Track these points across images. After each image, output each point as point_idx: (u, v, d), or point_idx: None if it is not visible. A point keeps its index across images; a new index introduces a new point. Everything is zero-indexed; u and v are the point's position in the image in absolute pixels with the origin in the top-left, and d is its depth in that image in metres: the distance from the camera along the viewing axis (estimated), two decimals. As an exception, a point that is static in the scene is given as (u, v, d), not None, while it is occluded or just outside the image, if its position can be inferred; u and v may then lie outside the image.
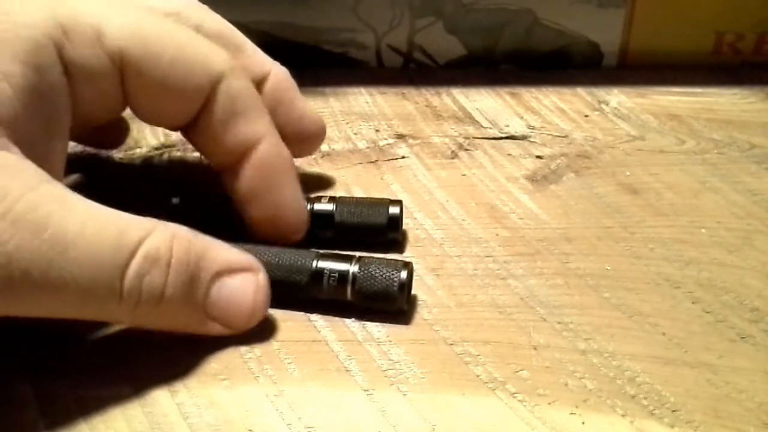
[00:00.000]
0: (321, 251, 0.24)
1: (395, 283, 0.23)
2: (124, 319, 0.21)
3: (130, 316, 0.20)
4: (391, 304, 0.23)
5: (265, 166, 0.24)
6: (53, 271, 0.18)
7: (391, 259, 0.24)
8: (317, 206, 0.27)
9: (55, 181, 0.20)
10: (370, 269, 0.23)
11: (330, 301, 0.24)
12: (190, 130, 0.25)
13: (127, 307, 0.20)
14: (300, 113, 0.28)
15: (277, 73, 0.28)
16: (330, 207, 0.27)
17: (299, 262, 0.24)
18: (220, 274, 0.21)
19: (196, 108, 0.24)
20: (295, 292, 0.24)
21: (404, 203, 0.28)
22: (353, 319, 0.24)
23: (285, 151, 0.25)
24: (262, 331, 0.23)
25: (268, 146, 0.24)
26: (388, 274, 0.23)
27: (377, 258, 0.24)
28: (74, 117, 0.22)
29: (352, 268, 0.23)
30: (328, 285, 0.23)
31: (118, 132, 0.32)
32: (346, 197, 0.28)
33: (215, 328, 0.22)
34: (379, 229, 0.26)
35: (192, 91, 0.23)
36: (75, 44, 0.21)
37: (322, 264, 0.24)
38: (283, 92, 0.28)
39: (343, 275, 0.23)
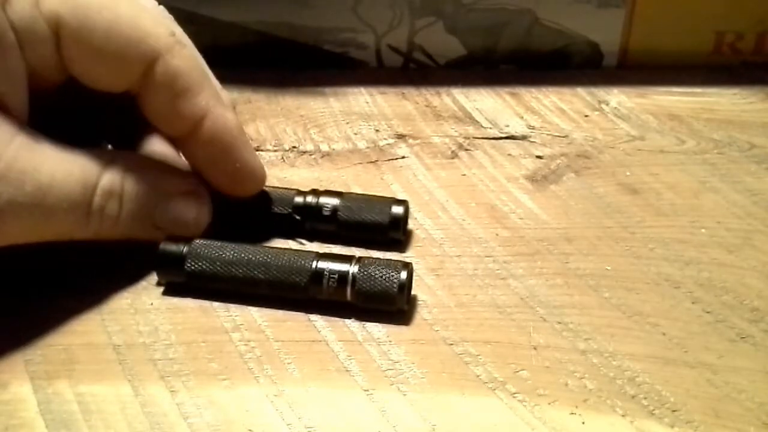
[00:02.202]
0: (321, 252, 0.24)
1: (395, 284, 0.23)
2: (88, 236, 0.24)
3: (93, 235, 0.24)
4: (391, 305, 0.23)
5: (213, 140, 0.25)
6: (36, 214, 0.22)
7: (391, 260, 0.24)
8: (322, 199, 0.27)
9: (24, 128, 0.22)
10: (369, 270, 0.23)
11: (330, 302, 0.24)
12: (137, 99, 0.25)
13: (92, 229, 0.24)
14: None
15: (227, 118, 0.26)
16: (334, 201, 0.27)
17: (299, 263, 0.24)
18: (165, 198, 0.25)
19: (133, 80, 0.24)
20: (295, 292, 0.24)
21: (404, 203, 0.28)
22: (353, 319, 0.24)
23: (230, 119, 0.25)
24: (263, 331, 0.23)
25: (213, 120, 0.25)
26: (387, 274, 0.23)
27: (377, 259, 0.24)
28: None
29: (352, 269, 0.23)
30: (327, 286, 0.23)
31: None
32: (353, 193, 0.28)
33: (162, 236, 0.25)
34: (381, 227, 0.26)
35: (126, 66, 0.23)
36: (14, 5, 0.22)
37: (322, 265, 0.24)
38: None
39: (342, 276, 0.23)
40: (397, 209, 0.27)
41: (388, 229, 0.26)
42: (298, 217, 0.27)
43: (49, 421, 0.20)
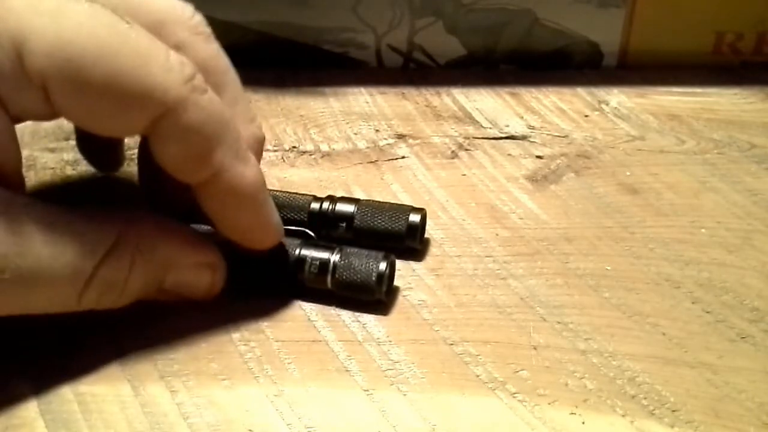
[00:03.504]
0: (307, 240, 0.25)
1: (373, 274, 0.23)
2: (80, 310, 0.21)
3: (89, 308, 0.21)
4: (369, 295, 0.24)
5: (228, 197, 0.22)
6: (14, 299, 0.20)
7: (373, 251, 0.24)
8: (339, 206, 0.27)
9: (14, 198, 0.20)
10: (350, 259, 0.24)
11: (319, 292, 0.24)
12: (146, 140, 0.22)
13: (84, 307, 0.21)
14: None
15: (246, 137, 0.24)
16: (351, 209, 0.26)
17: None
18: (176, 269, 0.23)
19: (137, 132, 0.21)
20: (280, 278, 0.24)
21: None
22: (353, 319, 0.24)
23: (249, 177, 0.22)
24: (263, 331, 0.23)
25: (229, 179, 0.22)
26: (367, 264, 0.23)
27: (359, 250, 0.24)
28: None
29: (333, 257, 0.24)
30: (309, 272, 0.24)
31: (115, 157, 0.31)
32: (370, 200, 0.27)
33: (168, 299, 0.23)
34: (398, 236, 0.26)
35: (127, 122, 0.21)
36: None
37: (305, 252, 0.24)
38: None
39: (323, 263, 0.24)
40: (414, 218, 0.26)
41: (405, 237, 0.26)
42: (311, 233, 0.26)
43: (49, 421, 0.20)
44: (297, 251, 0.24)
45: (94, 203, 0.22)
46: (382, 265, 0.23)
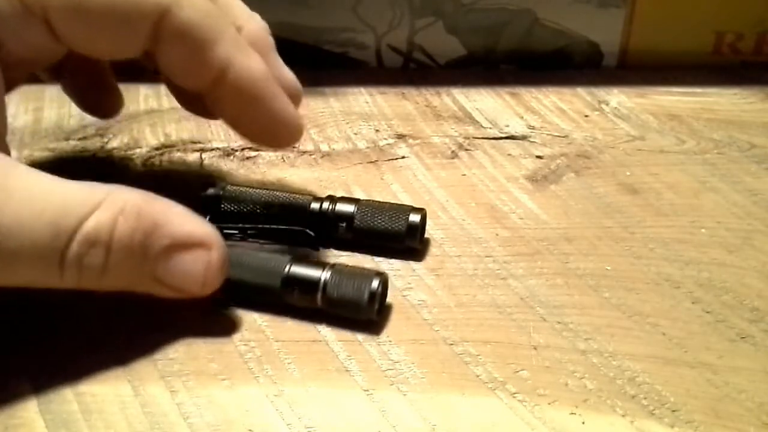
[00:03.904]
0: (297, 255, 0.24)
1: (365, 293, 0.22)
2: (69, 287, 0.20)
3: (74, 286, 0.20)
4: (361, 314, 0.23)
5: (238, 92, 0.23)
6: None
7: (366, 269, 0.23)
8: (339, 206, 0.27)
9: None
10: (341, 277, 0.23)
11: (309, 310, 0.23)
12: (147, 59, 0.23)
13: (70, 281, 0.20)
14: (278, 73, 0.25)
15: (252, 29, 0.25)
16: (351, 209, 0.26)
17: (271, 265, 0.23)
18: (169, 249, 0.21)
19: (140, 45, 0.22)
20: (267, 296, 0.23)
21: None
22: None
23: (255, 67, 0.23)
24: (263, 331, 0.23)
25: (236, 72, 0.22)
26: (358, 283, 0.23)
27: (351, 267, 0.23)
28: (9, 69, 0.21)
29: (324, 275, 0.23)
30: (298, 291, 0.23)
31: (111, 101, 0.31)
32: (370, 200, 0.27)
33: (165, 293, 0.22)
34: (398, 236, 0.26)
35: (129, 34, 0.21)
36: None
37: (295, 269, 0.23)
38: (258, 50, 0.24)
39: (313, 282, 0.23)
40: (414, 218, 0.26)
41: (405, 237, 0.26)
42: (312, 233, 0.26)
43: (49, 421, 0.20)
44: (285, 268, 0.23)
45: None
46: (375, 283, 0.23)
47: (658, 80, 0.39)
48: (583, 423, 0.20)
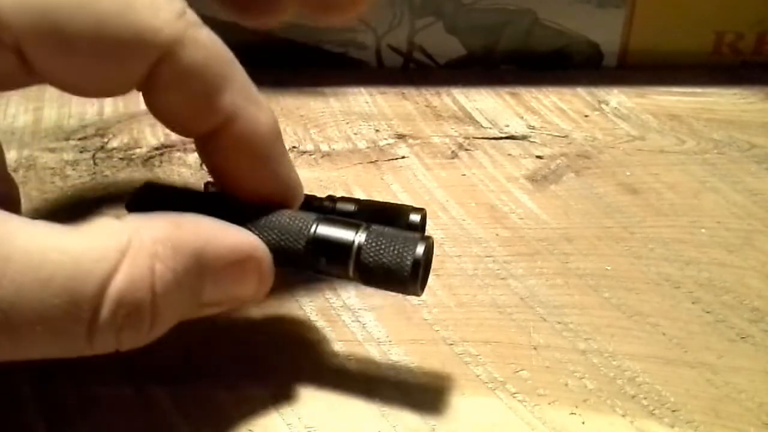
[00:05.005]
0: (324, 216, 0.20)
1: (408, 262, 0.18)
2: (105, 352, 0.17)
3: (111, 350, 0.17)
4: (402, 288, 0.19)
5: (240, 148, 0.19)
6: (9, 345, 0.15)
7: (408, 232, 0.19)
8: (338, 206, 0.26)
9: None
10: (379, 241, 0.19)
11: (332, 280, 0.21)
12: (143, 96, 0.19)
13: (106, 346, 0.16)
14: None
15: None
16: (351, 209, 0.26)
17: (296, 226, 0.19)
18: (220, 274, 0.18)
19: (130, 87, 0.18)
20: (290, 260, 0.19)
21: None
22: (353, 319, 0.24)
23: (264, 122, 0.19)
24: (263, 331, 0.23)
25: (242, 125, 0.19)
26: (399, 249, 0.19)
27: (389, 230, 0.19)
28: None
29: (358, 238, 0.19)
30: (327, 256, 0.19)
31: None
32: (370, 200, 0.27)
33: (212, 312, 0.19)
34: None
35: (118, 77, 0.18)
36: None
37: (322, 230, 0.19)
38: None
39: (345, 247, 0.19)
40: (415, 217, 0.26)
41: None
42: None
43: (49, 421, 0.20)
44: (311, 229, 0.19)
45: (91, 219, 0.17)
46: (420, 249, 0.18)
47: (658, 80, 0.39)
48: (583, 423, 0.20)
